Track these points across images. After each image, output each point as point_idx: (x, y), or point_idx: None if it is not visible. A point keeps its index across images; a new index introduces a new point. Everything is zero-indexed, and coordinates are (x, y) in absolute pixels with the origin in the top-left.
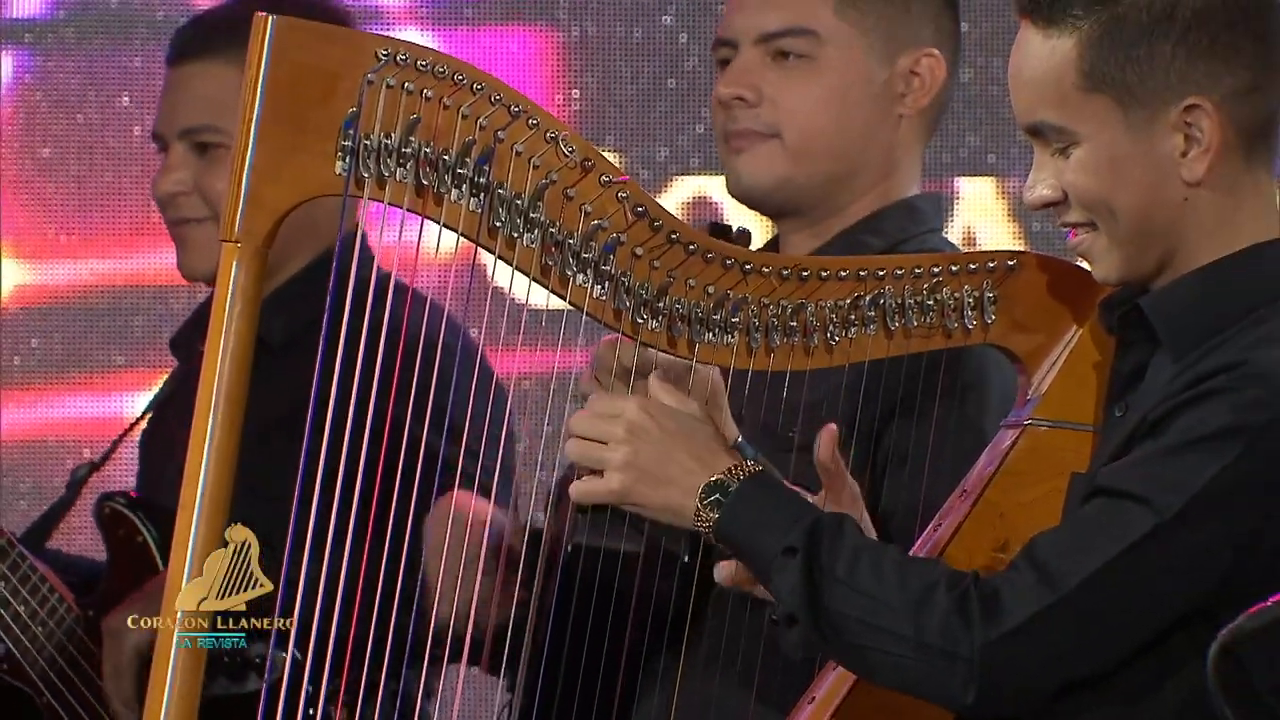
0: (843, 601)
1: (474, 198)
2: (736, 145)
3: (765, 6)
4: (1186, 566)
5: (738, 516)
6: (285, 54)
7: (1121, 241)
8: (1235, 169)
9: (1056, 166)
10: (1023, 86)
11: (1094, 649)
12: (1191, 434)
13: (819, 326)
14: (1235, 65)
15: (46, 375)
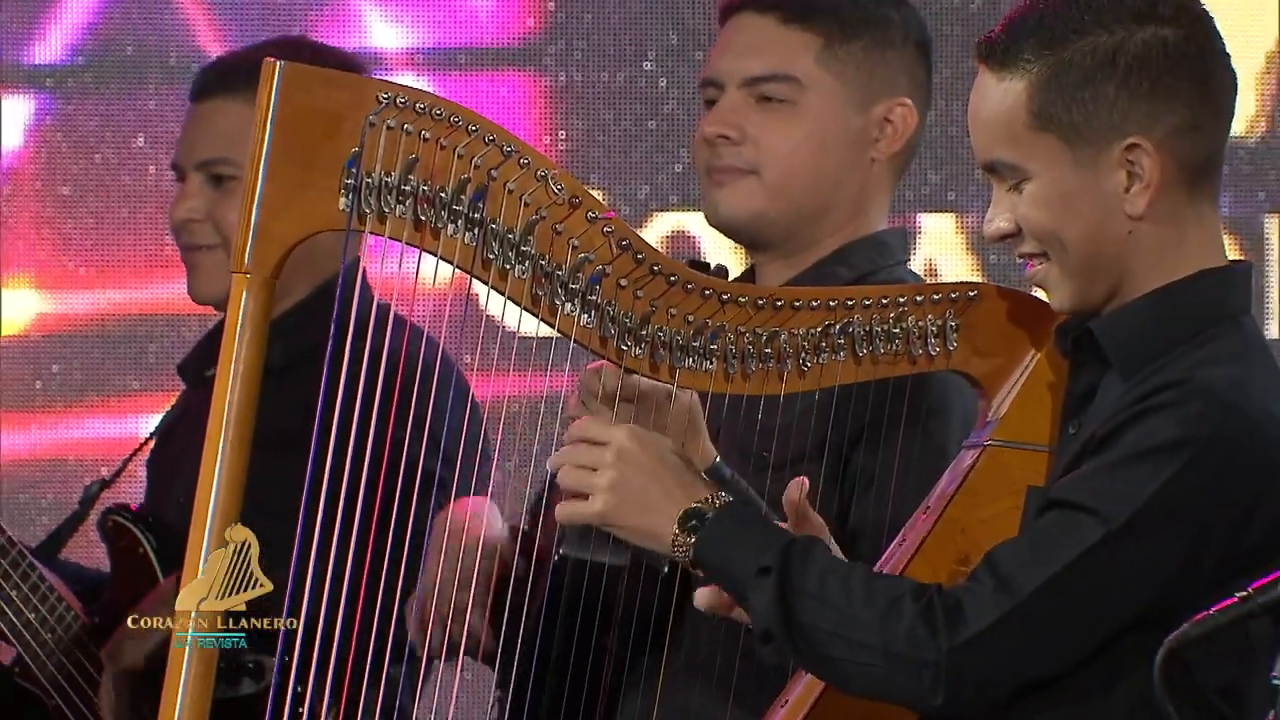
0: (815, 616)
1: (469, 232)
2: (718, 179)
3: (751, 52)
4: (1135, 573)
5: (714, 542)
6: (292, 97)
7: (1072, 272)
8: (1178, 203)
9: (1011, 201)
10: (980, 127)
11: (1050, 652)
12: (1139, 447)
13: (791, 353)
14: (1175, 105)
15: (67, 398)
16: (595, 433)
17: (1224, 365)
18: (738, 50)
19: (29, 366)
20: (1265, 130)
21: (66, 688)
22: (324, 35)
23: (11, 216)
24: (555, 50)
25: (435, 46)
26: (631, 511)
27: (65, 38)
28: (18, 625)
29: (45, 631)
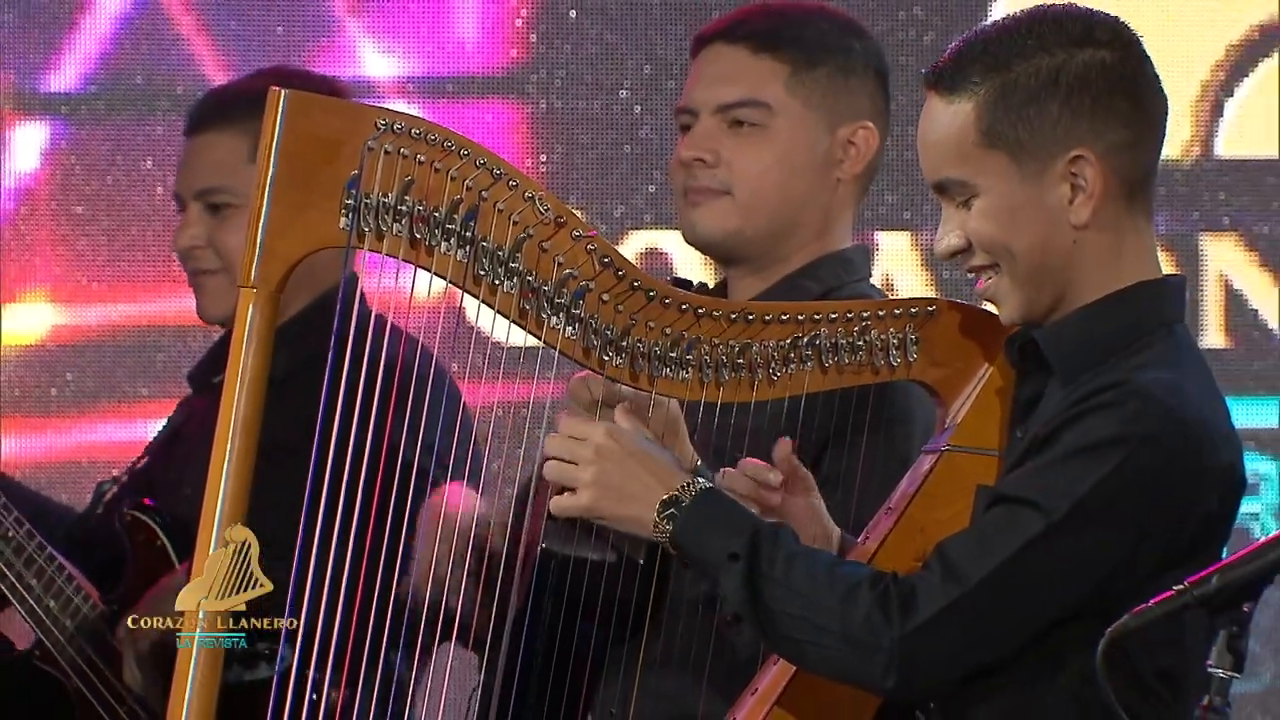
0: (779, 600)
1: (461, 249)
2: (694, 200)
3: (723, 80)
4: (1075, 563)
5: (689, 527)
6: (295, 123)
7: (1022, 282)
8: (1118, 214)
9: (961, 217)
10: (930, 148)
11: (996, 637)
12: (1078, 444)
13: (762, 363)
14: (1113, 123)
15: (80, 405)
16: (576, 430)
17: (1159, 369)
18: (711, 79)
19: (44, 374)
20: (1199, 154)
21: (86, 670)
22: (321, 65)
23: (28, 234)
24: (537, 79)
25: (425, 75)
26: (614, 503)
27: (79, 68)
28: (39, 612)
29: (65, 618)
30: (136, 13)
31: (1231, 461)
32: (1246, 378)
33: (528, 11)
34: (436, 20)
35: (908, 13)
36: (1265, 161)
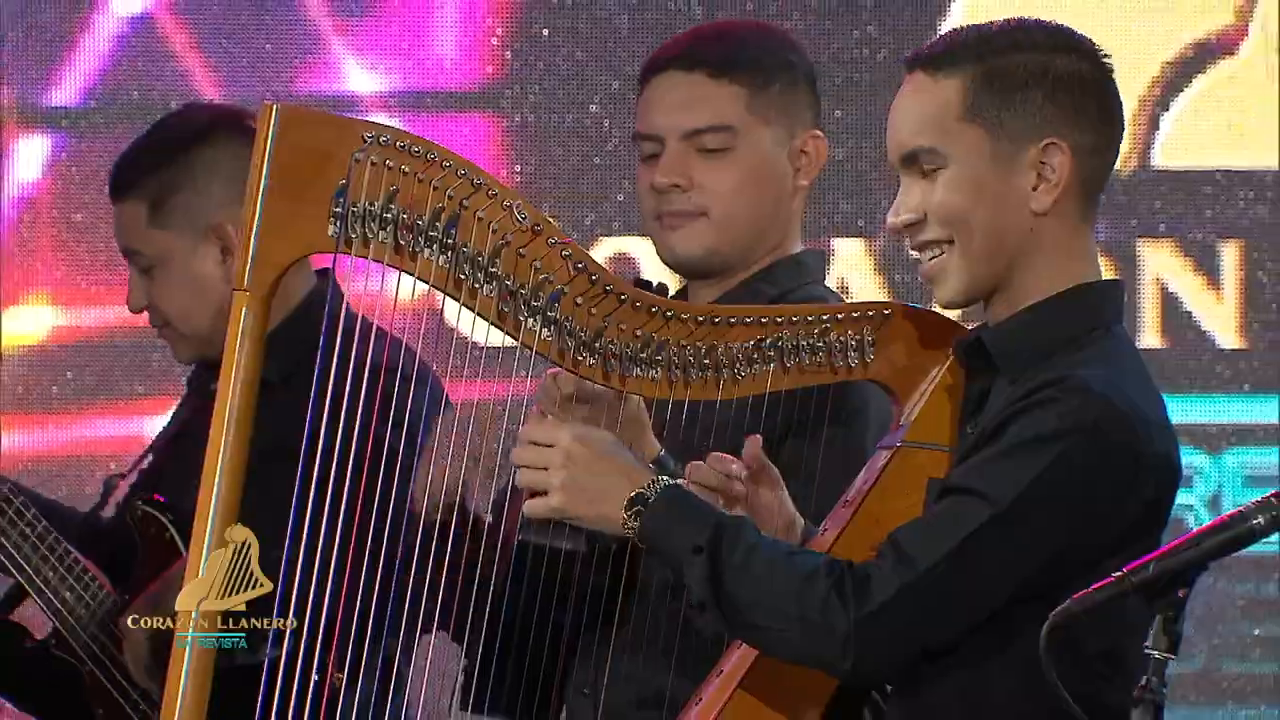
0: (741, 588)
1: (443, 255)
2: (671, 224)
3: (687, 107)
4: (1020, 549)
5: (655, 523)
6: (286, 136)
7: (972, 259)
8: (1072, 212)
9: (924, 189)
10: (907, 119)
11: (946, 620)
12: (1022, 437)
13: (727, 363)
14: (1086, 126)
15: (80, 402)
16: (542, 435)
17: (1098, 366)
18: (673, 106)
19: (46, 373)
20: (1137, 165)
21: (100, 655)
22: (308, 81)
23: (31, 240)
24: (512, 94)
25: (406, 90)
26: (583, 504)
27: (78, 84)
28: (54, 602)
29: (79, 607)
30: (133, 32)
31: (1167, 451)
32: (1181, 376)
33: (503, 31)
34: (417, 38)
35: (861, 31)
36: (1199, 172)
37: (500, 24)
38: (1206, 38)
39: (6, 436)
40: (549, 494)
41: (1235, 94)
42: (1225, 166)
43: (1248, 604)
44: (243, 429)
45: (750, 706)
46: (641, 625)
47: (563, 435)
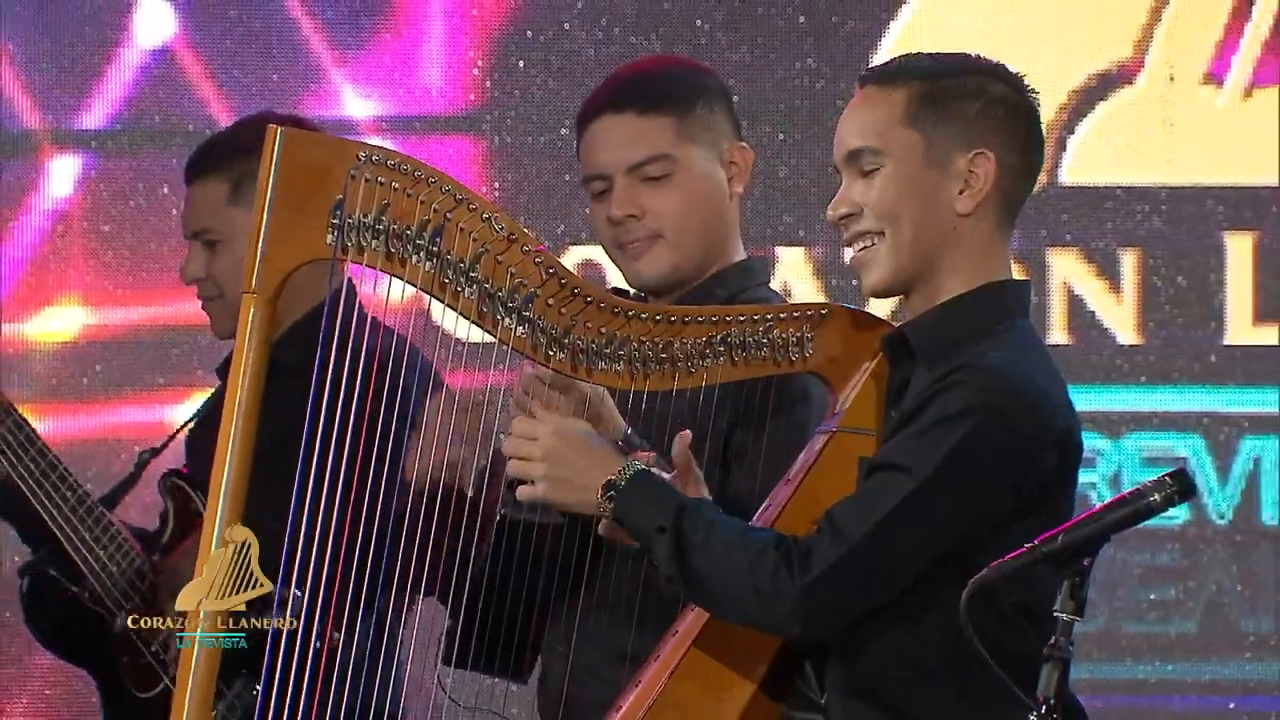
0: (701, 562)
1: (429, 262)
2: (633, 252)
3: (626, 144)
4: (941, 515)
5: (625, 505)
6: (289, 155)
7: (899, 250)
8: (990, 218)
9: (862, 186)
10: (854, 123)
11: (880, 583)
12: (937, 416)
13: (682, 358)
14: (1011, 145)
15: (107, 392)
16: (523, 430)
17: (1004, 351)
18: (612, 145)
19: (77, 366)
20: (1046, 182)
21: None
22: (310, 106)
23: (64, 249)
24: (491, 119)
25: (396, 115)
26: (564, 490)
27: (106, 109)
28: (90, 560)
29: (112, 565)
30: (154, 63)
31: (1068, 425)
32: (1085, 370)
33: (483, 62)
34: (406, 69)
35: (802, 64)
36: (1101, 188)
37: (481, 56)
38: (1108, 69)
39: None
40: (534, 484)
41: (1133, 119)
42: (1124, 183)
43: (1144, 571)
44: (250, 414)
45: (703, 661)
46: (607, 590)
47: (544, 430)
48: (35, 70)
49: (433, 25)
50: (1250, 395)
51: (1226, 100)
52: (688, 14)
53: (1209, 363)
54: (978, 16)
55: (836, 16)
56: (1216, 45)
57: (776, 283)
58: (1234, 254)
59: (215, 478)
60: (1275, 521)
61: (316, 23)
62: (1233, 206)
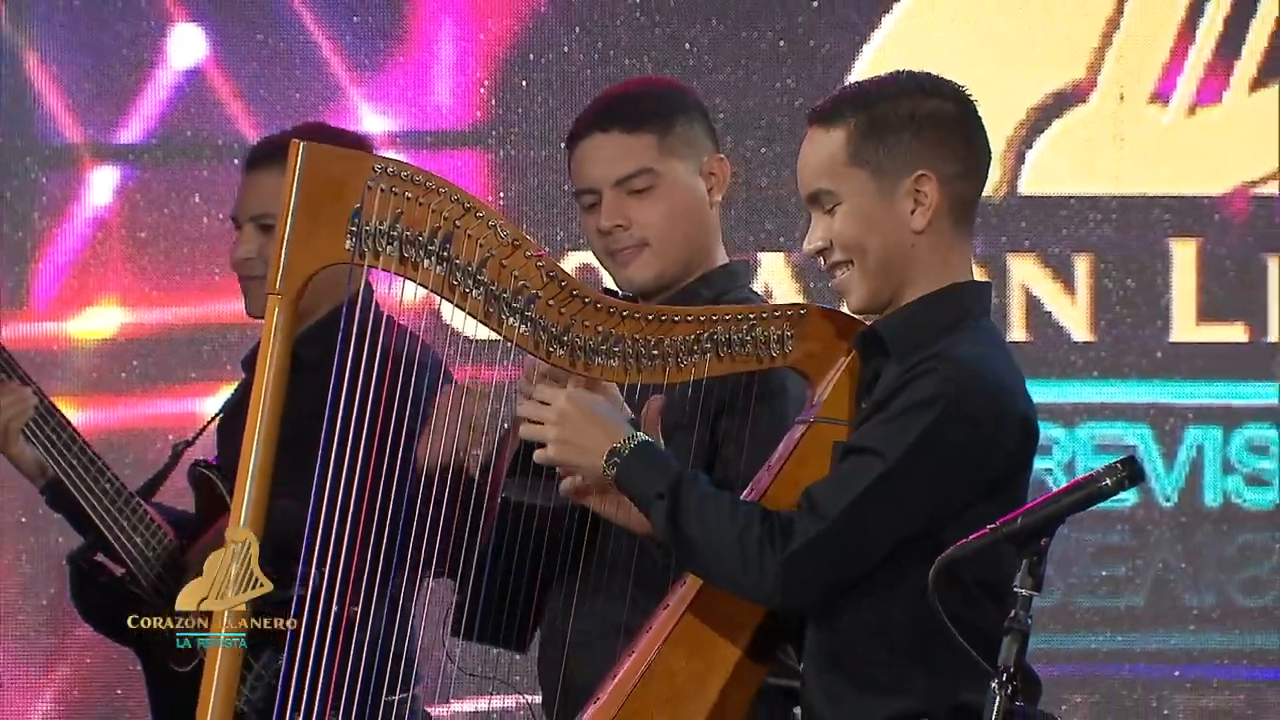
0: (694, 530)
1: (439, 265)
2: (622, 259)
3: (613, 161)
4: (909, 495)
5: (627, 473)
6: (310, 167)
7: (869, 275)
8: (947, 228)
9: (827, 222)
10: (808, 167)
11: (854, 557)
12: (906, 403)
13: (672, 354)
14: (950, 156)
15: (143, 385)
16: (544, 395)
17: (967, 346)
18: (600, 161)
19: (115, 362)
20: (1006, 192)
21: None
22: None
23: (104, 254)
24: (496, 134)
25: (409, 130)
26: (572, 453)
27: (143, 125)
28: (128, 546)
29: (148, 550)
30: (187, 83)
31: (1025, 411)
32: (1042, 365)
33: (489, 82)
34: (418, 88)
35: (782, 83)
36: (1057, 198)
37: (487, 76)
38: (1063, 88)
39: (83, 414)
40: (547, 446)
41: (1086, 135)
42: (1078, 194)
43: (1096, 550)
44: (275, 405)
45: (691, 632)
46: (603, 567)
47: (559, 396)
48: (77, 89)
49: (443, 48)
50: (1194, 389)
51: (1172, 118)
52: (677, 38)
53: (1156, 359)
54: (943, 41)
55: (813, 40)
56: (1163, 67)
57: (759, 285)
58: (1179, 259)
59: (242, 464)
60: (1217, 504)
61: (335, 45)
62: (1178, 215)
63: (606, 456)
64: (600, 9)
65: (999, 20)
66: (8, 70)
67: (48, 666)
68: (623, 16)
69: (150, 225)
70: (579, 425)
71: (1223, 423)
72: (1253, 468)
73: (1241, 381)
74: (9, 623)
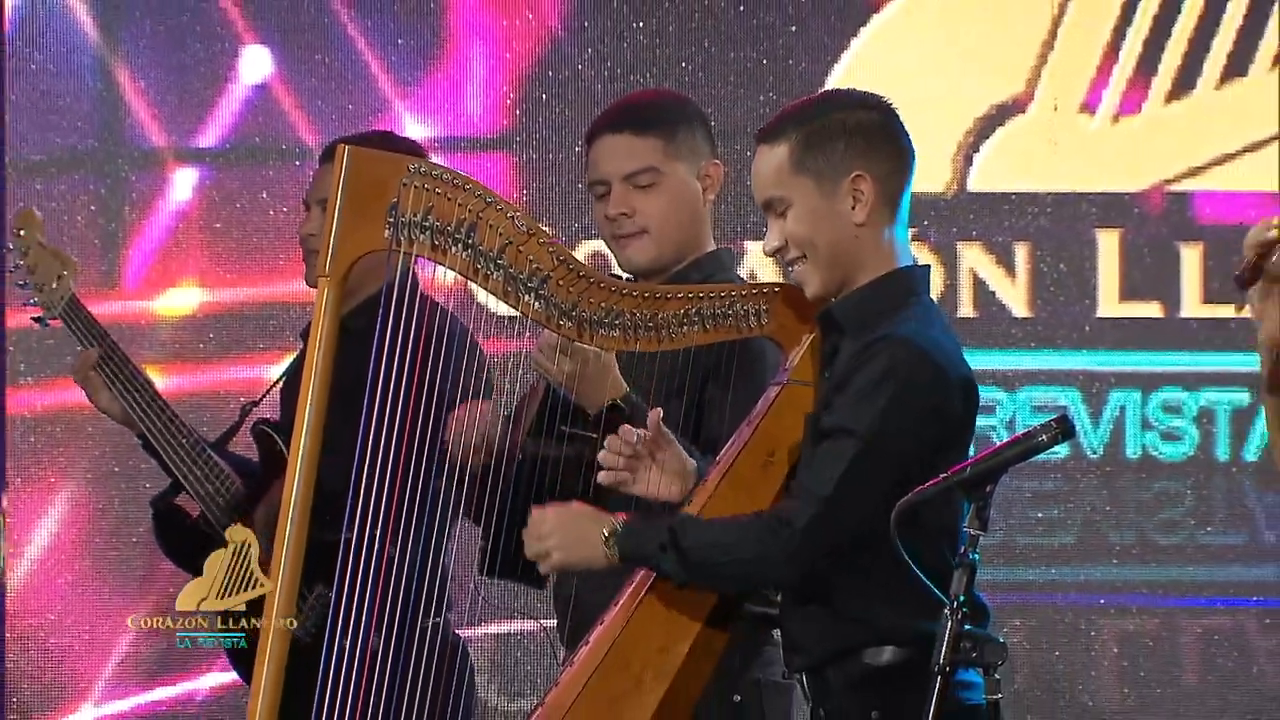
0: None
1: (465, 252)
2: (624, 244)
3: (623, 157)
4: (884, 463)
5: (627, 545)
6: (355, 168)
7: (821, 266)
8: (883, 220)
9: (780, 225)
10: (760, 179)
11: (845, 527)
12: (866, 382)
13: (665, 326)
14: (879, 158)
15: (218, 354)
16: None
17: (912, 324)
18: (612, 158)
19: (195, 334)
20: (957, 190)
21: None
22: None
23: (184, 241)
24: (520, 139)
25: (445, 136)
26: (574, 555)
27: (218, 132)
28: (202, 492)
29: (219, 496)
30: (255, 96)
31: (967, 376)
32: (987, 336)
33: (514, 94)
34: (453, 100)
35: (765, 95)
36: (1000, 194)
37: (512, 90)
38: (1005, 100)
39: (166, 380)
40: (550, 555)
41: (1025, 140)
42: (1018, 190)
43: (1033, 496)
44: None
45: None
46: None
47: (547, 520)
48: (162, 101)
49: (474, 65)
50: (1117, 357)
51: (1098, 125)
52: (675, 58)
53: (1084, 332)
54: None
55: (791, 60)
56: (1090, 82)
57: (744, 269)
58: (1104, 246)
59: (298, 422)
60: (1136, 456)
61: (382, 64)
62: (1103, 209)
63: (605, 541)
64: (609, 34)
65: (949, 43)
66: (102, 84)
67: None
68: (628, 40)
69: (224, 218)
70: (571, 528)
71: (1141, 386)
72: (1167, 425)
73: (1158, 351)
74: (107, 557)
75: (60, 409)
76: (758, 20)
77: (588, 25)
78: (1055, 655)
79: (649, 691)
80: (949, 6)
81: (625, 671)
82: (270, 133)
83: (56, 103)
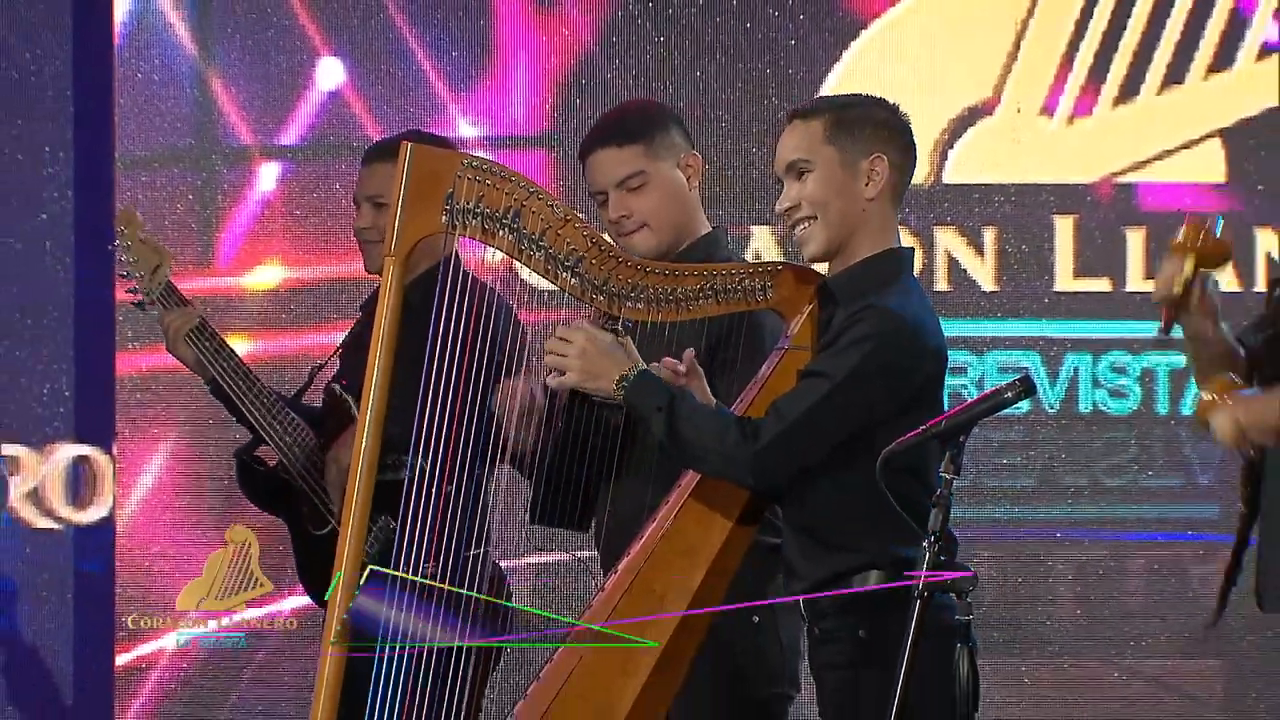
0: (686, 433)
1: (510, 235)
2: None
3: (613, 168)
4: (849, 406)
5: (634, 392)
6: (416, 163)
7: (829, 227)
8: (887, 203)
9: (798, 187)
10: (789, 144)
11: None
12: (847, 340)
13: (683, 299)
14: (894, 149)
15: (298, 324)
16: (566, 334)
17: (895, 297)
18: (603, 171)
19: (278, 306)
20: (934, 181)
21: (307, 477)
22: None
23: (268, 225)
24: (557, 138)
25: (493, 135)
26: (589, 378)
27: (298, 131)
28: (280, 443)
29: (296, 447)
30: (329, 100)
31: (938, 343)
32: (959, 307)
33: (552, 99)
34: (500, 104)
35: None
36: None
37: (551, 96)
38: (975, 104)
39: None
40: (567, 372)
41: (992, 138)
42: (986, 182)
43: (999, 445)
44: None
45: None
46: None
47: (579, 335)
48: (250, 105)
49: (518, 74)
50: (1071, 325)
51: (1056, 126)
52: (690, 68)
53: (1043, 303)
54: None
55: (791, 69)
56: (1049, 88)
57: (750, 252)
58: (1060, 230)
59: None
60: (1088, 411)
61: (439, 73)
62: (1060, 198)
63: (617, 381)
64: (634, 47)
65: (927, 55)
66: (198, 90)
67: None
68: (651, 52)
69: (304, 206)
70: (594, 358)
71: (1092, 350)
72: (1115, 384)
73: (1107, 320)
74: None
75: (162, 370)
76: (762, 35)
77: (615, 40)
78: (1019, 581)
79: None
80: (927, 24)
81: (649, 595)
82: (342, 132)
83: (159, 107)
